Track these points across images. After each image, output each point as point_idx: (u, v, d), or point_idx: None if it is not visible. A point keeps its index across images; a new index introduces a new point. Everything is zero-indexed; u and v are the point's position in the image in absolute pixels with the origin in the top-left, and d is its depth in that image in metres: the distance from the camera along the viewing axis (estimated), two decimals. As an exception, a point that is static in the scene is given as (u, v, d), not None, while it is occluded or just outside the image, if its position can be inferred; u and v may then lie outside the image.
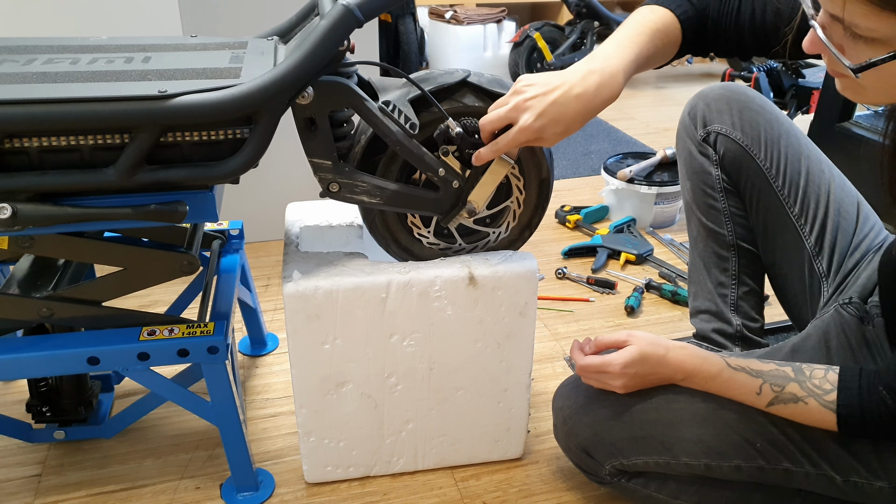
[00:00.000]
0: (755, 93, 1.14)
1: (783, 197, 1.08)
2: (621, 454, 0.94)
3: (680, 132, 1.21)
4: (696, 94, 1.19)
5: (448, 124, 0.91)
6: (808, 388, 0.82)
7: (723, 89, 1.14)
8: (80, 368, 0.95)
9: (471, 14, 3.41)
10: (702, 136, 1.15)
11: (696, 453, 0.90)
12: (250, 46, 0.99)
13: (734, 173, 1.13)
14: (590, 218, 2.04)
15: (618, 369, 0.90)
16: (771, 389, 0.84)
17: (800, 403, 0.82)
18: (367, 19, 0.84)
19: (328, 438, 1.08)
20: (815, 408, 0.81)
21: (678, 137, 1.22)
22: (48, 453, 1.17)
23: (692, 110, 1.18)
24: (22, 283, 0.99)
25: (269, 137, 0.85)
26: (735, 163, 1.12)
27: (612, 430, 0.94)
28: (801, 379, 0.83)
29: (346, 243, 1.08)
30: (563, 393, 1.03)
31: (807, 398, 0.82)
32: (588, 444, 0.97)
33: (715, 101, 1.14)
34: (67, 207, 0.83)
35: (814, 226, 1.07)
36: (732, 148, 1.12)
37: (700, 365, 0.89)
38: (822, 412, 0.81)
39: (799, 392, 0.82)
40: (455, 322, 1.02)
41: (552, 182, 1.02)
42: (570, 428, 0.99)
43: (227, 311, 1.04)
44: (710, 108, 1.14)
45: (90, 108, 0.77)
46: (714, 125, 1.13)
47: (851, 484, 0.85)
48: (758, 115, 1.11)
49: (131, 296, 1.03)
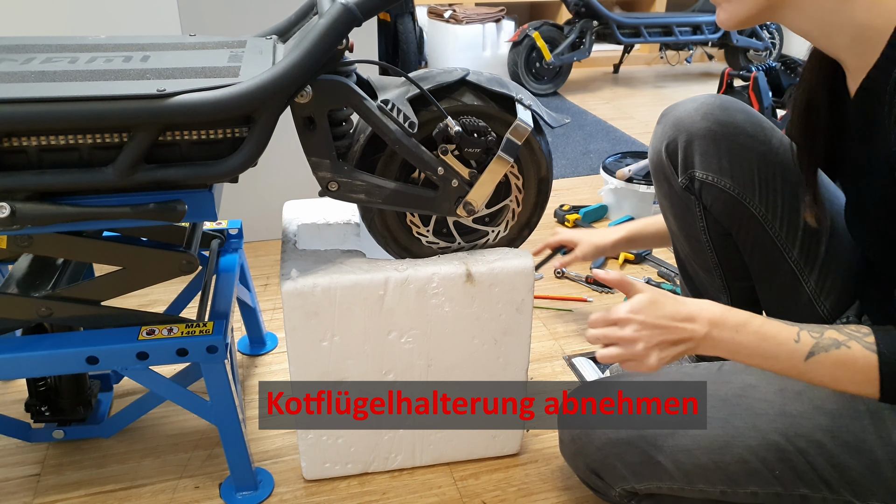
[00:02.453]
0: (743, 112, 1.00)
1: (780, 241, 0.98)
2: (634, 479, 0.90)
3: (655, 165, 1.08)
4: (672, 119, 1.03)
5: (447, 123, 0.91)
6: (847, 332, 0.77)
7: (706, 119, 0.99)
8: (78, 368, 0.95)
9: (470, 13, 3.41)
10: (684, 183, 1.03)
11: (713, 480, 0.86)
12: (249, 45, 0.99)
13: (724, 221, 1.03)
14: (589, 217, 2.04)
15: (623, 314, 0.81)
16: (810, 336, 0.77)
17: (842, 348, 0.75)
18: (365, 18, 0.84)
19: (326, 435, 1.08)
20: (859, 351, 0.74)
21: (654, 168, 1.09)
22: (47, 453, 1.17)
23: (670, 144, 1.03)
24: (21, 282, 0.99)
25: (267, 136, 0.85)
26: (726, 212, 1.01)
27: (624, 455, 0.90)
28: (837, 327, 0.78)
29: (343, 241, 1.08)
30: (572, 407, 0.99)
31: (848, 341, 0.76)
32: (598, 466, 0.93)
33: (699, 138, 0.99)
34: (66, 206, 0.83)
35: (814, 266, 0.98)
36: (722, 198, 1.00)
37: (725, 312, 0.81)
38: (865, 355, 0.74)
39: (839, 336, 0.76)
40: (452, 319, 1.02)
41: (551, 181, 1.03)
42: (578, 448, 0.95)
43: (226, 310, 1.04)
44: (692, 147, 1.00)
45: (89, 106, 0.77)
46: (698, 172, 1.00)
47: None
48: (749, 151, 0.98)
49: (130, 295, 1.03)
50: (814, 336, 0.77)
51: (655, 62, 4.16)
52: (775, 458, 0.84)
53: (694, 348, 0.82)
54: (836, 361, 0.76)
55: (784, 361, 0.78)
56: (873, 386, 0.75)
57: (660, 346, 0.81)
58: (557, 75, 3.48)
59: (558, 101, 3.37)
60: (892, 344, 0.74)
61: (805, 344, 0.77)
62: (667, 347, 0.82)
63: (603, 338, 0.84)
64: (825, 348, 0.76)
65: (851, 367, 0.75)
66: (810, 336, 0.78)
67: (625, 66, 4.06)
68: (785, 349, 0.78)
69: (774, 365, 0.80)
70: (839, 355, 0.76)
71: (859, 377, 0.75)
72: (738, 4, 0.76)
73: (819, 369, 0.77)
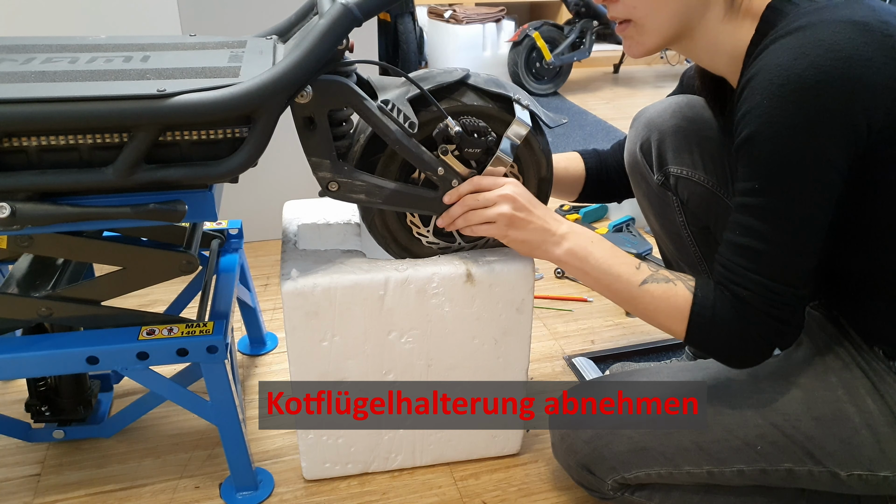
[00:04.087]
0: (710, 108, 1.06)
1: None
2: (622, 468, 0.93)
3: (632, 166, 1.14)
4: (643, 120, 1.11)
5: (447, 123, 0.91)
6: (677, 274, 0.87)
7: (675, 117, 1.07)
8: (79, 368, 0.95)
9: (470, 13, 3.41)
10: (660, 179, 1.10)
11: (697, 461, 0.89)
12: (249, 45, 0.99)
13: (701, 214, 1.09)
14: (589, 217, 2.04)
15: (511, 181, 0.93)
16: (648, 268, 0.89)
17: (670, 284, 0.86)
18: (365, 18, 0.84)
19: (326, 435, 1.08)
20: (682, 290, 0.85)
21: (630, 170, 1.15)
22: (47, 453, 1.17)
23: (644, 144, 1.10)
24: (21, 282, 0.99)
25: (268, 136, 0.85)
26: (702, 206, 1.08)
27: (611, 444, 0.93)
28: (672, 270, 0.89)
29: (343, 241, 1.08)
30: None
31: (676, 280, 0.86)
32: (588, 461, 0.96)
33: (670, 135, 1.07)
34: (66, 206, 0.83)
35: None
36: (698, 191, 1.07)
37: (586, 229, 0.93)
38: (685, 295, 0.84)
39: (670, 275, 0.87)
40: (452, 319, 1.02)
41: (551, 181, 1.03)
42: (568, 445, 0.98)
43: (227, 310, 1.04)
44: (665, 144, 1.07)
45: (89, 107, 0.77)
46: (672, 167, 1.07)
47: (855, 477, 0.84)
48: (719, 145, 1.05)
49: (130, 295, 1.03)
50: (651, 269, 0.89)
51: (656, 62, 4.17)
52: (755, 435, 0.87)
53: (543, 242, 0.92)
54: (662, 293, 0.86)
55: (623, 282, 0.88)
56: (683, 324, 0.85)
57: (516, 220, 0.91)
58: (557, 75, 3.48)
59: (558, 101, 3.37)
60: (707, 291, 0.84)
61: (643, 272, 0.88)
62: (521, 225, 0.91)
63: (474, 218, 0.93)
64: (657, 280, 0.87)
65: (672, 301, 0.85)
66: (648, 268, 0.89)
67: (625, 66, 4.06)
68: (627, 269, 0.89)
69: (614, 283, 0.89)
70: (666, 288, 0.86)
71: (674, 312, 0.85)
72: (648, 37, 0.85)
73: (647, 297, 0.87)
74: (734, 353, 0.84)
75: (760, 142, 0.75)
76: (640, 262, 0.89)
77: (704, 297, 0.83)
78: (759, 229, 0.78)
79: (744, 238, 0.80)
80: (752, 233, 0.79)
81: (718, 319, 0.82)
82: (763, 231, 0.78)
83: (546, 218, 0.92)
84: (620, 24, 0.87)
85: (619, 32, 0.88)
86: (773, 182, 0.76)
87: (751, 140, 0.76)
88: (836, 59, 0.71)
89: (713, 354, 0.86)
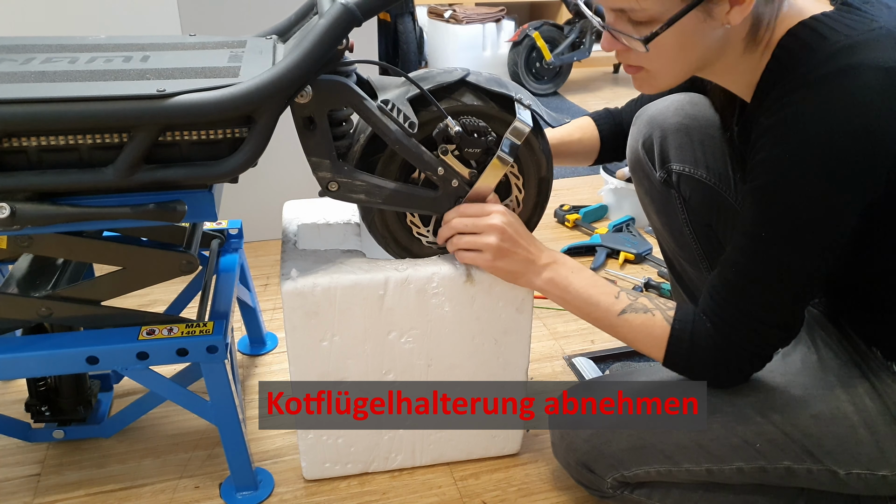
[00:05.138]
0: (712, 106, 1.06)
1: None
2: (622, 466, 0.93)
3: (634, 163, 1.13)
4: (646, 117, 1.10)
5: (447, 123, 0.91)
6: (656, 303, 0.89)
7: (678, 115, 1.06)
8: (79, 368, 0.95)
9: (470, 13, 3.41)
10: (662, 176, 1.09)
11: (696, 459, 0.89)
12: (249, 45, 0.99)
13: (703, 212, 1.09)
14: (589, 217, 2.04)
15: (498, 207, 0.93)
16: (627, 297, 0.90)
17: (648, 314, 0.88)
18: (365, 18, 0.84)
19: (326, 435, 1.08)
20: (660, 320, 0.87)
21: (632, 167, 1.14)
22: (47, 453, 1.17)
23: (646, 141, 1.09)
24: (21, 282, 0.99)
25: (267, 136, 0.85)
26: (704, 203, 1.08)
27: (610, 442, 0.94)
28: (650, 296, 0.91)
29: (343, 241, 1.08)
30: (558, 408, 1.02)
31: (654, 310, 0.88)
32: (588, 459, 0.96)
33: (673, 133, 1.07)
34: (66, 207, 0.83)
35: None
36: (700, 189, 1.06)
37: (567, 257, 0.95)
38: (663, 326, 0.86)
39: (649, 304, 0.89)
40: (452, 319, 1.02)
41: (551, 181, 1.03)
42: (568, 443, 0.98)
43: (227, 310, 1.04)
44: (667, 141, 1.07)
45: (89, 107, 0.77)
46: (675, 164, 1.07)
47: (854, 476, 0.85)
48: (720, 142, 1.04)
49: (130, 295, 1.03)
50: (630, 298, 0.90)
51: (655, 62, 4.16)
52: (754, 433, 0.87)
53: (526, 272, 0.94)
54: (641, 323, 0.88)
55: (602, 311, 0.91)
56: (661, 351, 0.87)
57: (502, 251, 0.92)
58: (557, 75, 3.48)
59: (558, 101, 3.37)
60: (685, 322, 0.85)
61: (622, 302, 0.90)
62: (506, 256, 0.93)
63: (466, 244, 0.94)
64: (636, 310, 0.89)
65: (651, 331, 0.87)
66: (627, 297, 0.90)
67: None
68: (606, 300, 0.90)
69: (592, 312, 0.92)
70: (645, 319, 0.88)
71: (653, 341, 0.87)
72: (660, 83, 0.84)
73: (626, 326, 0.89)
74: (710, 380, 0.88)
75: (775, 194, 0.75)
76: (620, 291, 0.91)
77: (682, 328, 0.85)
78: (758, 275, 0.79)
79: (740, 279, 0.81)
80: (750, 276, 0.80)
81: (696, 349, 0.85)
82: (762, 277, 0.79)
83: (530, 248, 0.94)
84: (630, 67, 0.84)
85: (629, 73, 0.85)
86: (781, 234, 0.76)
87: (765, 190, 0.76)
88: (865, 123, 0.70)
89: (690, 378, 0.89)
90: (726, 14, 0.74)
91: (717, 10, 0.74)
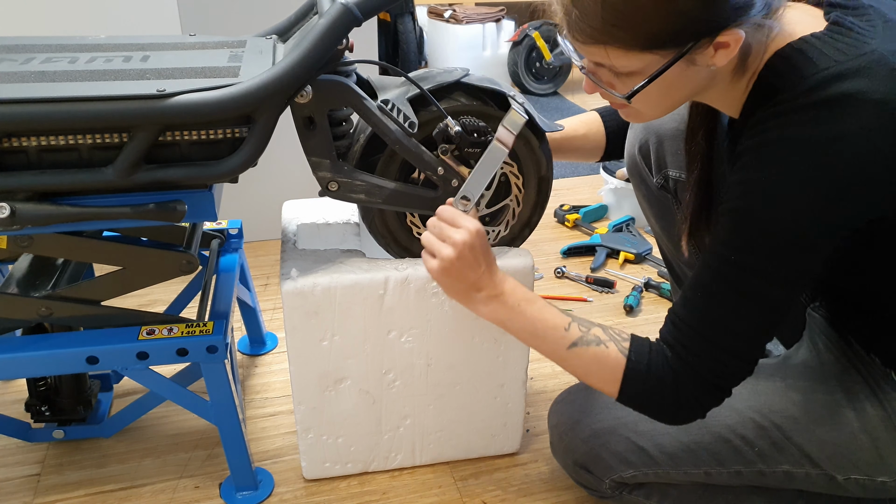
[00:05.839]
0: None
1: None
2: (620, 467, 0.93)
3: (631, 168, 1.13)
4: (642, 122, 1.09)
5: (447, 123, 0.91)
6: (610, 334, 0.83)
7: (673, 119, 1.05)
8: (79, 368, 0.95)
9: (470, 13, 3.41)
10: (659, 182, 1.08)
11: (695, 461, 0.89)
12: (249, 45, 0.99)
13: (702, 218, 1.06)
14: (589, 217, 2.04)
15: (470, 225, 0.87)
16: (578, 329, 0.84)
17: (601, 346, 0.81)
18: (365, 18, 0.84)
19: (326, 435, 1.08)
20: (614, 352, 0.80)
21: (630, 171, 1.13)
22: (47, 453, 1.17)
23: (643, 147, 1.09)
24: (21, 282, 0.99)
25: (267, 136, 0.85)
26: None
27: (608, 444, 0.93)
28: (605, 327, 0.84)
29: (343, 241, 1.08)
30: (557, 409, 1.02)
31: (608, 342, 0.82)
32: (586, 460, 0.96)
33: (668, 138, 1.05)
34: (66, 207, 0.83)
35: None
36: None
37: (522, 287, 0.89)
38: (618, 358, 0.80)
39: (602, 336, 0.82)
40: (452, 318, 1.02)
41: (551, 180, 1.03)
42: (566, 445, 0.99)
43: (226, 310, 1.04)
44: (663, 147, 1.06)
45: (89, 107, 0.77)
46: (671, 171, 1.06)
47: (852, 481, 0.85)
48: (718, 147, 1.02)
49: (130, 295, 1.03)
50: (581, 329, 0.84)
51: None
52: (754, 435, 0.87)
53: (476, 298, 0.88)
54: (593, 356, 0.82)
55: (550, 344, 0.85)
56: (615, 385, 0.81)
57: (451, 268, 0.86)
58: (557, 75, 3.48)
59: (558, 101, 3.37)
60: (641, 353, 0.80)
61: (572, 334, 0.84)
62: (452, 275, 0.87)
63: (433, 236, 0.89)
64: (587, 343, 0.83)
65: (604, 364, 0.81)
66: (579, 329, 0.84)
67: (625, 66, 4.05)
68: (554, 334, 0.84)
69: (540, 345, 0.86)
70: (597, 352, 0.82)
71: (607, 375, 0.81)
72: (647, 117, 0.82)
73: (576, 360, 0.83)
74: (667, 415, 0.82)
75: (749, 218, 0.72)
76: (571, 322, 0.85)
77: (638, 360, 0.80)
78: (726, 299, 0.74)
79: (707, 305, 0.76)
80: (717, 300, 0.75)
81: (653, 381, 0.79)
82: (729, 301, 0.74)
83: (482, 277, 0.87)
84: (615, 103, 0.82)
85: (615, 107, 0.83)
86: (756, 259, 0.72)
87: (740, 212, 0.72)
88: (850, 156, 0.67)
89: (646, 414, 0.83)
90: (711, 58, 0.71)
91: (700, 57, 0.71)
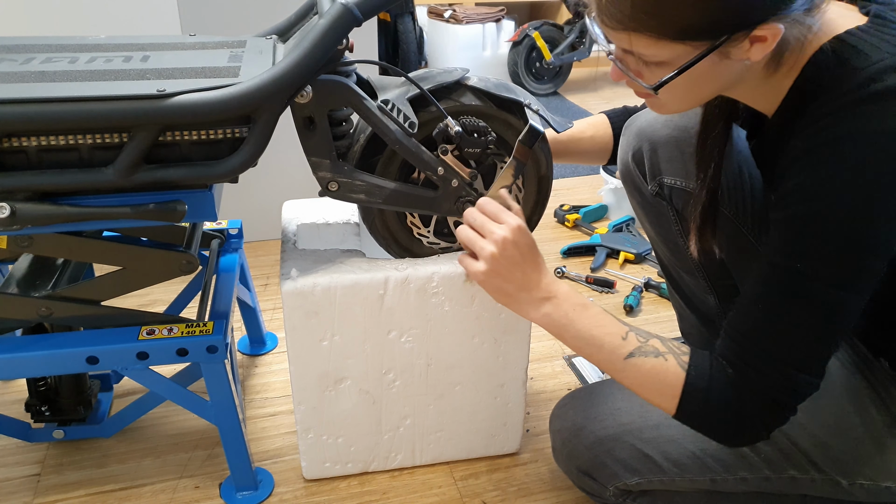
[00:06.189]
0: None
1: (753, 238, 0.97)
2: (625, 475, 0.92)
3: (625, 175, 1.10)
4: (635, 129, 1.06)
5: (447, 123, 0.91)
6: (669, 346, 0.80)
7: (667, 126, 1.02)
8: (79, 368, 0.95)
9: (470, 13, 3.41)
10: (654, 189, 1.05)
11: (700, 469, 0.88)
12: (249, 45, 0.99)
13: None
14: (588, 217, 2.04)
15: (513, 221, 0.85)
16: (637, 339, 0.81)
17: (660, 358, 0.78)
18: (365, 18, 0.84)
19: (326, 435, 1.08)
20: (673, 366, 0.77)
21: (623, 178, 1.11)
22: (47, 453, 1.17)
23: (636, 154, 1.06)
24: (21, 282, 0.99)
25: (267, 136, 0.85)
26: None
27: (613, 451, 0.92)
28: (663, 339, 0.81)
29: (343, 241, 1.08)
30: (560, 414, 1.01)
31: (667, 354, 0.78)
32: (589, 467, 0.95)
33: (662, 145, 1.02)
34: (66, 207, 0.83)
35: None
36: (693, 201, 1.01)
37: (576, 293, 0.86)
38: (677, 372, 0.77)
39: (661, 347, 0.79)
40: (452, 318, 1.02)
41: (551, 179, 1.03)
42: (569, 451, 0.97)
43: (227, 310, 1.04)
44: (656, 154, 1.03)
45: (89, 107, 0.77)
46: (666, 178, 1.03)
47: (858, 486, 0.84)
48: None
49: (130, 295, 1.03)
50: (640, 340, 0.80)
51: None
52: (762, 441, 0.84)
53: (526, 300, 0.85)
54: (651, 368, 0.78)
55: (606, 353, 0.81)
56: (674, 401, 0.77)
57: (498, 267, 0.84)
58: (557, 75, 3.48)
59: (558, 101, 3.37)
60: (702, 369, 0.76)
61: (630, 344, 0.80)
62: (501, 275, 0.85)
63: (469, 241, 0.87)
64: (645, 353, 0.79)
65: (662, 378, 0.78)
66: (637, 339, 0.80)
67: (625, 66, 4.05)
68: (610, 341, 0.81)
69: (595, 354, 0.82)
70: (655, 364, 0.78)
71: (665, 389, 0.78)
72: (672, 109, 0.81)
73: (634, 371, 0.79)
74: (728, 436, 0.79)
75: (811, 223, 0.69)
76: (629, 332, 0.81)
77: (699, 375, 0.76)
78: (790, 310, 0.71)
79: (767, 315, 0.73)
80: (780, 312, 0.72)
81: (714, 401, 0.75)
82: (794, 312, 0.71)
83: (531, 274, 0.85)
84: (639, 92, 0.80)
85: (640, 96, 0.81)
86: (824, 265, 0.69)
87: (800, 218, 0.70)
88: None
89: (705, 434, 0.80)
90: (746, 52, 0.69)
91: (734, 51, 0.69)
